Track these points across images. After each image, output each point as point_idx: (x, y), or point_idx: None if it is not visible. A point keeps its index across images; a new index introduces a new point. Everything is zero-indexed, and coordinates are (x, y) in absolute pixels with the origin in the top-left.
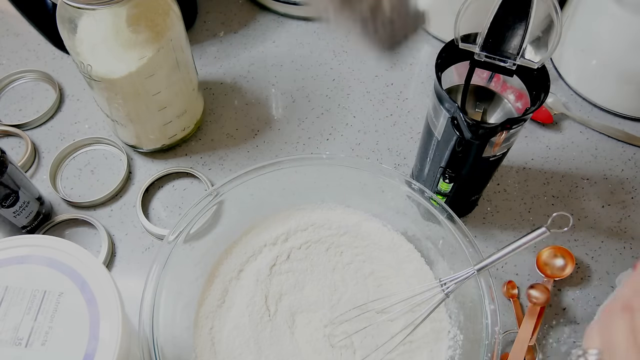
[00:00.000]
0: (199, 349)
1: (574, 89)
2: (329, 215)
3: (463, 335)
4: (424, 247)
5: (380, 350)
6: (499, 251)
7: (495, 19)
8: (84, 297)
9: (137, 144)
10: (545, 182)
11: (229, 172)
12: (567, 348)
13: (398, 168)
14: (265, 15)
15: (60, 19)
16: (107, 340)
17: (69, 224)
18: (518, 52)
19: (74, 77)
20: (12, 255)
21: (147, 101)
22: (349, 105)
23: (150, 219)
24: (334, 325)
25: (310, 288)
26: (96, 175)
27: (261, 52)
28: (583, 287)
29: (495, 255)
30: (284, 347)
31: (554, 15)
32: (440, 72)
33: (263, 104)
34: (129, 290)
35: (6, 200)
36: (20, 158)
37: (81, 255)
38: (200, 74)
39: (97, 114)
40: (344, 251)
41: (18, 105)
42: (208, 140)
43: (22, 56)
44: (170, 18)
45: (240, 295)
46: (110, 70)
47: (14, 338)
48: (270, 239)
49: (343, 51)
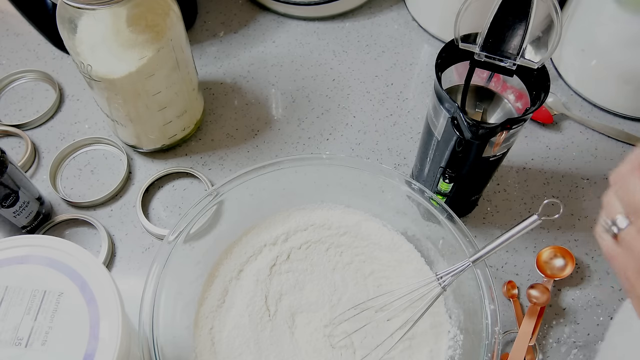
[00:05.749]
0: (199, 349)
1: (574, 89)
2: (329, 215)
3: (463, 335)
4: (424, 247)
5: (380, 348)
6: (493, 241)
7: (495, 19)
8: (84, 297)
9: (137, 144)
10: (545, 182)
11: (229, 172)
12: (567, 348)
13: (398, 168)
14: (265, 15)
15: (60, 19)
16: (107, 340)
17: (69, 224)
18: (518, 52)
19: (74, 77)
20: (12, 255)
21: (147, 101)
22: (349, 105)
23: (150, 219)
24: (333, 325)
25: (310, 288)
26: (96, 175)
27: (261, 52)
28: (583, 287)
29: (489, 246)
30: (284, 347)
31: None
32: (440, 72)
33: (263, 104)
34: (129, 290)
35: (6, 200)
36: (20, 158)
37: (81, 255)
38: (200, 74)
39: (97, 114)
40: (344, 251)
41: (18, 105)
42: (208, 140)
43: (22, 56)
44: (170, 18)
45: (240, 295)
46: (110, 70)
47: (14, 338)
48: (270, 239)
49: (343, 51)
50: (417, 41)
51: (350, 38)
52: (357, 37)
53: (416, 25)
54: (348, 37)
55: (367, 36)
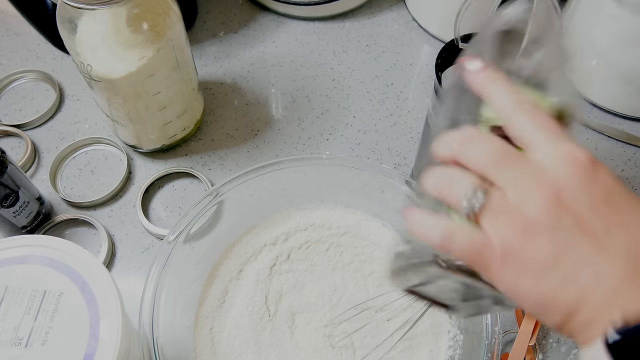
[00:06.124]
0: (199, 349)
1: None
2: (329, 215)
3: (463, 335)
4: None
5: (380, 348)
6: None
7: None
8: (84, 297)
9: (137, 144)
10: None
11: (229, 172)
12: (567, 348)
13: (398, 168)
14: (265, 15)
15: (60, 19)
16: (107, 340)
17: (69, 224)
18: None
19: (74, 77)
20: (12, 255)
21: (147, 101)
22: (349, 105)
23: (150, 219)
24: (333, 325)
25: (310, 288)
26: (96, 175)
27: (261, 52)
28: None
29: None
30: (284, 347)
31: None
32: (440, 72)
33: (263, 104)
34: (129, 290)
35: (6, 200)
36: (20, 158)
37: (81, 255)
38: (200, 74)
39: (97, 114)
40: (344, 251)
41: (18, 105)
42: (208, 140)
43: (22, 56)
44: (170, 18)
45: (240, 295)
46: (110, 70)
47: (14, 338)
48: (270, 239)
49: (343, 51)
50: (417, 41)
51: (350, 38)
52: (357, 37)
53: (416, 25)
54: (348, 37)
55: (367, 36)
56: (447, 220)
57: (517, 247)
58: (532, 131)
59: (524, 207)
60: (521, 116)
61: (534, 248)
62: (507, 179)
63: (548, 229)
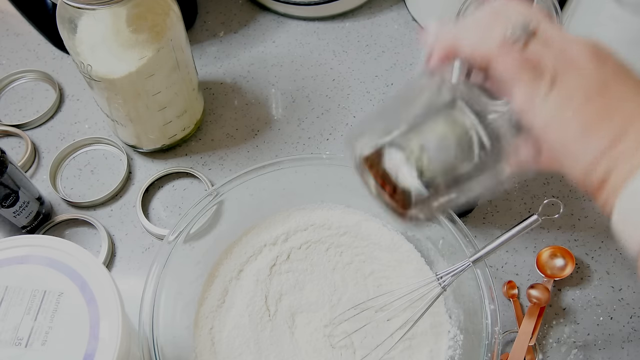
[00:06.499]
0: (199, 349)
1: None
2: (329, 215)
3: (463, 335)
4: (424, 247)
5: (380, 348)
6: (493, 241)
7: None
8: (84, 297)
9: (137, 144)
10: (545, 182)
11: (229, 172)
12: (567, 348)
13: None
14: (265, 15)
15: (60, 19)
16: (107, 340)
17: (69, 224)
18: None
19: (74, 77)
20: (12, 255)
21: (147, 101)
22: (349, 105)
23: (150, 219)
24: (333, 325)
25: (310, 288)
26: (96, 175)
27: (261, 52)
28: (583, 287)
29: (490, 246)
30: (284, 347)
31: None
32: None
33: (263, 104)
34: (129, 290)
35: (6, 200)
36: (20, 158)
37: (81, 255)
38: (200, 74)
39: (97, 114)
40: (344, 251)
41: (18, 105)
42: (208, 140)
43: (22, 56)
44: (170, 18)
45: (240, 295)
46: (110, 70)
47: (14, 338)
48: (270, 239)
49: (343, 51)
50: (417, 41)
51: (350, 38)
52: (357, 37)
53: (416, 25)
54: (348, 37)
55: (367, 36)
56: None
57: (567, 75)
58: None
59: (568, 49)
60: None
61: (582, 77)
62: (546, 32)
63: (593, 65)
